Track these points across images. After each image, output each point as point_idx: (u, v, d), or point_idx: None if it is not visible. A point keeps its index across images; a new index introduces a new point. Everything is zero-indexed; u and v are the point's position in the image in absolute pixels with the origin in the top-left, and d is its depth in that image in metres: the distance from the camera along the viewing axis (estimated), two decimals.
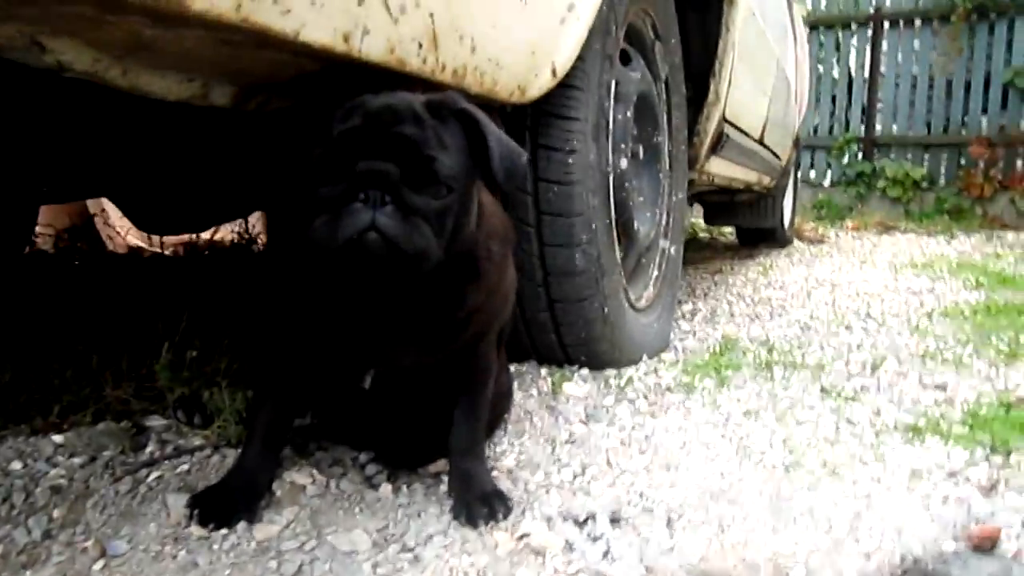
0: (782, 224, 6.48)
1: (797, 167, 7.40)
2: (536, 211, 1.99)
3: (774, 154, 5.09)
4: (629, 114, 2.33)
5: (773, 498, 1.55)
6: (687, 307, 3.65)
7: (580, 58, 1.87)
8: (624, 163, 2.30)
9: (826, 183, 10.37)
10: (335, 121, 1.22)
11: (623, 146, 2.30)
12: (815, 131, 10.40)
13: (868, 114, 10.09)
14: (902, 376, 2.41)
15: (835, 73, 10.40)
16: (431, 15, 1.28)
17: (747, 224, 6.35)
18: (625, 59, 2.40)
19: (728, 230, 7.41)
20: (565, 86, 1.89)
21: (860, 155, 10.13)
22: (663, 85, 2.70)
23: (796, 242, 7.05)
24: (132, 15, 0.91)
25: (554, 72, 1.73)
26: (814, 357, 2.65)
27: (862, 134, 10.13)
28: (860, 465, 1.70)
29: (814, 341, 2.90)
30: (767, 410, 2.07)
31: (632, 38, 2.46)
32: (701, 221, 6.94)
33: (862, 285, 4.39)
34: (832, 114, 10.44)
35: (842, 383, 2.32)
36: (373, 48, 1.19)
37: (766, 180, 5.28)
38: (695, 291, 4.19)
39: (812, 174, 10.42)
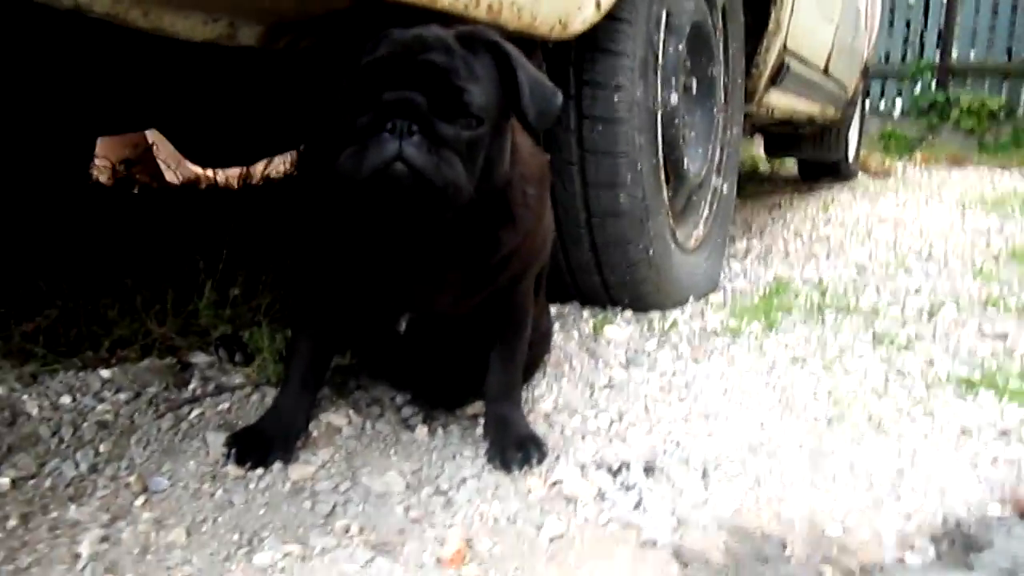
0: (846, 157, 6.25)
1: (865, 96, 7.10)
2: (579, 149, 1.93)
3: (840, 84, 4.87)
4: (681, 47, 2.23)
5: (813, 452, 1.51)
6: (740, 245, 3.56)
7: None
8: (674, 98, 2.21)
9: (896, 113, 9.95)
10: (363, 52, 1.18)
11: (674, 80, 2.21)
12: (886, 58, 9.95)
13: (944, 39, 9.58)
14: (960, 324, 2.32)
15: None
16: None
17: (809, 157, 6.12)
18: None
19: (789, 162, 7.18)
20: (611, 19, 1.80)
21: (933, 83, 9.65)
22: (719, 13, 2.58)
23: (860, 176, 6.80)
24: None
25: (599, 5, 1.65)
26: (868, 301, 2.57)
27: (936, 61, 9.63)
28: (907, 420, 1.65)
29: (870, 284, 2.80)
30: (814, 357, 2.01)
31: None
32: (761, 152, 6.73)
33: (926, 223, 4.23)
34: (905, 40, 9.95)
35: (896, 330, 2.24)
36: None
37: (830, 111, 5.08)
38: (751, 227, 4.08)
39: (881, 103, 10.00)
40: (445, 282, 1.42)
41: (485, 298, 1.49)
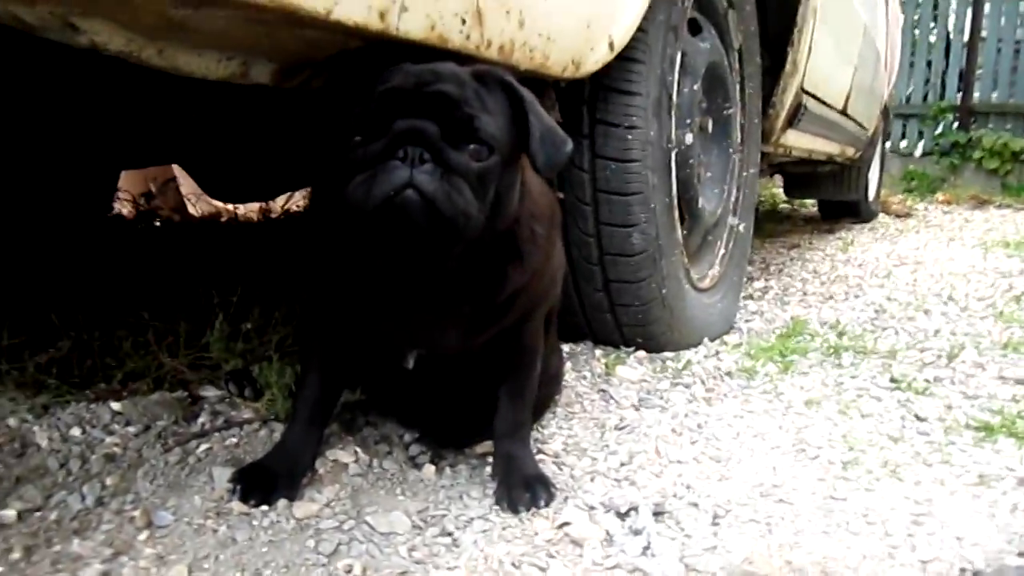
0: (866, 197, 6.23)
1: (886, 138, 7.08)
2: (593, 189, 1.93)
3: (859, 124, 4.87)
4: (696, 87, 2.24)
5: (826, 498, 1.48)
6: (758, 284, 3.53)
7: (641, 29, 1.80)
8: (689, 138, 2.21)
9: (917, 153, 9.88)
10: (376, 83, 1.19)
11: (689, 121, 2.21)
12: (907, 99, 9.91)
13: (966, 81, 9.54)
14: (980, 367, 2.28)
15: (932, 37, 9.87)
16: None
17: (829, 196, 6.11)
18: (695, 29, 2.30)
19: (810, 202, 7.15)
20: (625, 59, 1.82)
21: (955, 124, 9.61)
22: (736, 55, 2.59)
23: (881, 216, 6.76)
24: None
25: (611, 46, 1.66)
26: (887, 343, 2.53)
27: (958, 102, 9.60)
28: (923, 466, 1.62)
29: (888, 325, 2.77)
30: (830, 401, 1.98)
31: (703, 6, 2.36)
32: (781, 192, 6.71)
33: (947, 264, 4.18)
34: (927, 81, 9.93)
35: (914, 373, 2.21)
36: (412, 25, 1.16)
37: (850, 151, 5.07)
38: (768, 267, 4.06)
39: (903, 144, 9.94)
40: (452, 319, 1.41)
41: (493, 336, 1.48)
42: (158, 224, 3.84)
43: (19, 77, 1.90)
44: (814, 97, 3.38)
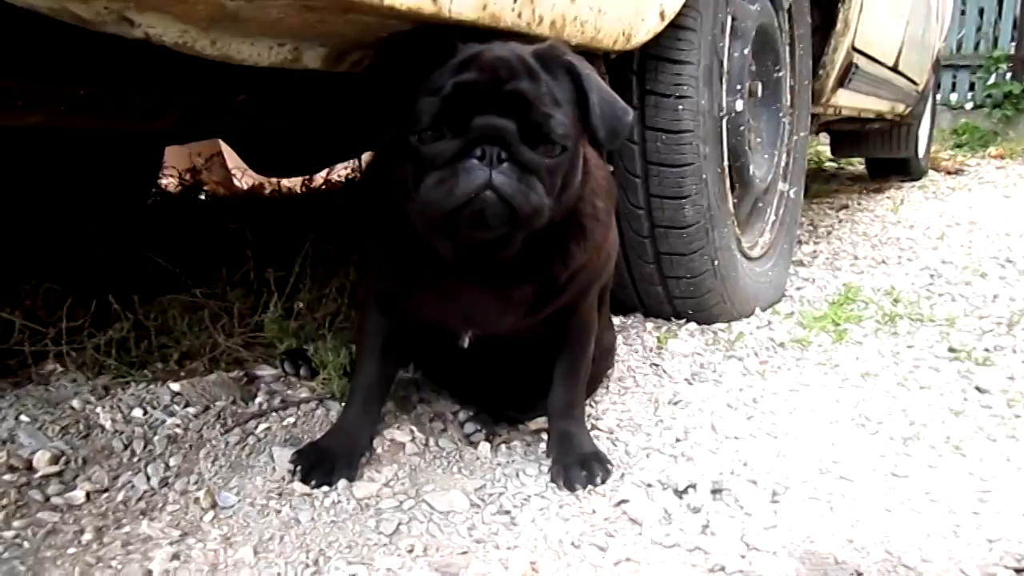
0: (916, 154, 6.05)
1: (936, 90, 6.85)
2: (643, 161, 1.90)
3: (910, 80, 4.72)
4: (747, 51, 2.18)
5: (888, 475, 1.46)
6: (807, 248, 3.47)
7: None
8: (740, 104, 2.16)
9: (968, 106, 9.60)
10: (447, 73, 1.18)
11: (739, 87, 2.16)
12: (958, 48, 9.59)
13: (1020, 29, 9.22)
14: None
15: None
16: None
17: (878, 154, 5.95)
18: None
19: (856, 159, 6.98)
20: (675, 27, 1.77)
21: (1008, 74, 9.29)
22: (786, 15, 2.51)
23: (931, 173, 6.57)
24: None
25: (662, 15, 1.62)
26: (944, 310, 2.48)
27: (1012, 51, 9.27)
28: (987, 441, 1.58)
29: (945, 291, 2.71)
30: (887, 372, 1.95)
31: None
32: (826, 150, 6.56)
33: (1003, 224, 4.06)
34: (979, 29, 9.60)
35: (973, 342, 2.16)
36: (464, 6, 1.14)
37: (900, 108, 4.92)
38: (817, 230, 3.99)
39: (952, 96, 9.67)
40: (512, 301, 1.41)
41: (550, 315, 1.48)
42: (203, 198, 3.87)
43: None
44: (865, 55, 3.28)
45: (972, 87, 9.59)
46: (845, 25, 2.87)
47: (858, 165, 7.01)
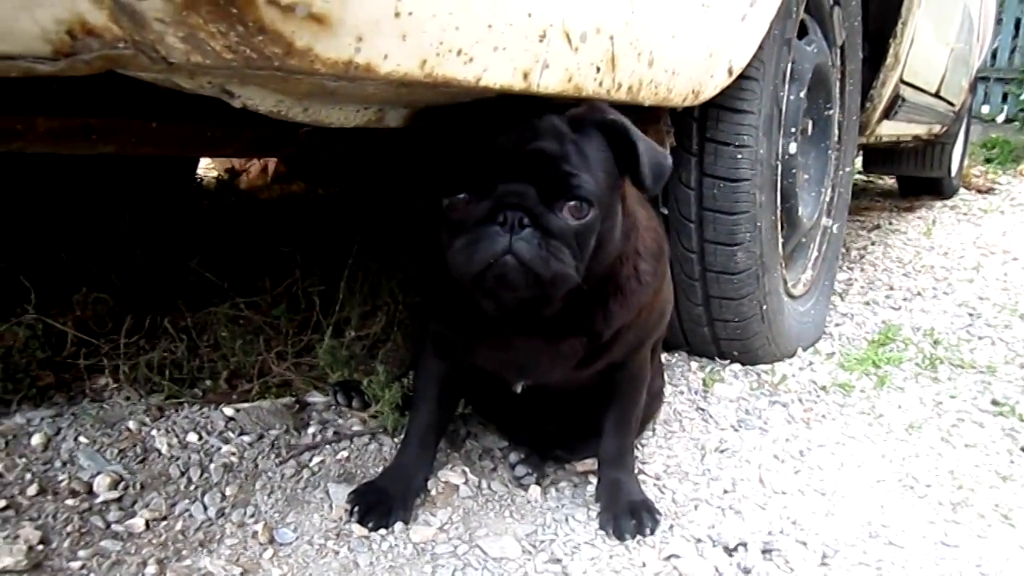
0: (949, 173, 5.97)
1: (970, 110, 6.77)
2: (699, 207, 1.91)
3: (948, 103, 4.68)
4: (802, 94, 2.18)
5: (937, 543, 1.47)
6: (842, 276, 3.46)
7: (758, 46, 1.75)
8: (793, 147, 2.16)
9: (1000, 119, 9.47)
10: (480, 138, 1.20)
11: (793, 130, 2.16)
12: (992, 59, 9.41)
13: None
14: None
15: None
16: (611, 38, 1.21)
17: (910, 173, 5.85)
18: (801, 31, 2.22)
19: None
20: (739, 77, 1.77)
21: None
22: (838, 52, 2.50)
23: (962, 192, 6.49)
24: (320, 76, 0.91)
25: (730, 71, 1.63)
26: (984, 355, 2.48)
27: None
28: None
29: (984, 335, 2.70)
30: (930, 424, 1.95)
31: (810, 6, 2.27)
32: (858, 164, 6.51)
33: None
34: (1014, 38, 9.44)
35: (1016, 395, 2.16)
36: (551, 80, 1.15)
37: (936, 129, 4.88)
38: (850, 252, 3.97)
39: (984, 108, 9.51)
40: (561, 354, 1.42)
41: (601, 368, 1.50)
42: (235, 200, 3.89)
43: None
44: (911, 86, 3.26)
45: (1005, 99, 9.46)
46: (895, 59, 2.85)
47: (888, 179, 6.95)
